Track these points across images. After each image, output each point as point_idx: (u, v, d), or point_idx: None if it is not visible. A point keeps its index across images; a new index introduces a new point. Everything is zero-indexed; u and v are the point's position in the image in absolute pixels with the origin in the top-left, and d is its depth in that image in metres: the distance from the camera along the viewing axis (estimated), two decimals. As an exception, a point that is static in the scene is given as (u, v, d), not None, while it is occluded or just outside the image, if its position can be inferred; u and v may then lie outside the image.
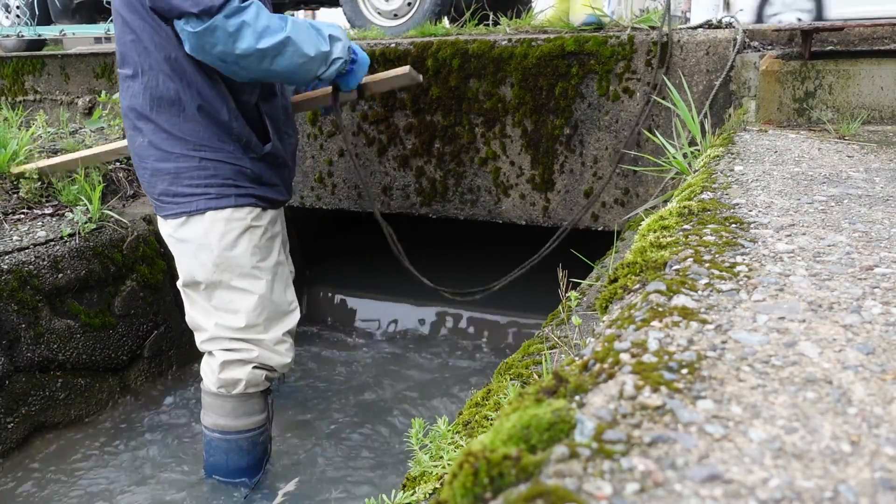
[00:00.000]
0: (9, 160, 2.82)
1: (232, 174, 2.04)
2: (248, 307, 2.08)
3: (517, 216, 2.87)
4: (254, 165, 2.08)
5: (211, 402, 2.17)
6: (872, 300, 0.80)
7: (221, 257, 2.04)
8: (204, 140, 2.00)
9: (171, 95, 1.96)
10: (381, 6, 3.68)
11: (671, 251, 0.95)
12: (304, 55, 1.93)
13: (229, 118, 2.01)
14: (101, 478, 2.29)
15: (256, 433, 2.21)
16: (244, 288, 2.07)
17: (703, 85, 2.49)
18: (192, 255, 2.05)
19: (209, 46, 1.82)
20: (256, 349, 2.11)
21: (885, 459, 0.52)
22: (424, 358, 3.09)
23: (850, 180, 1.38)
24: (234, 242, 2.05)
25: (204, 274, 2.06)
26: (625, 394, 0.61)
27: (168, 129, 1.99)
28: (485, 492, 0.51)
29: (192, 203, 2.02)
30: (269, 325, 2.12)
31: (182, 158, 2.00)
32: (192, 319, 2.16)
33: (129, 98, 2.02)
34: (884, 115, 2.05)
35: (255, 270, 2.08)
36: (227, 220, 2.04)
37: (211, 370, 2.13)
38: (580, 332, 1.47)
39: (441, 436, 1.20)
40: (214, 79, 1.98)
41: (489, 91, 2.76)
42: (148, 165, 2.04)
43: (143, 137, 2.02)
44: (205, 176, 2.02)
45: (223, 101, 2.00)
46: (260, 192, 2.10)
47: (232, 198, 2.04)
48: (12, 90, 4.19)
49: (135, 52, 1.96)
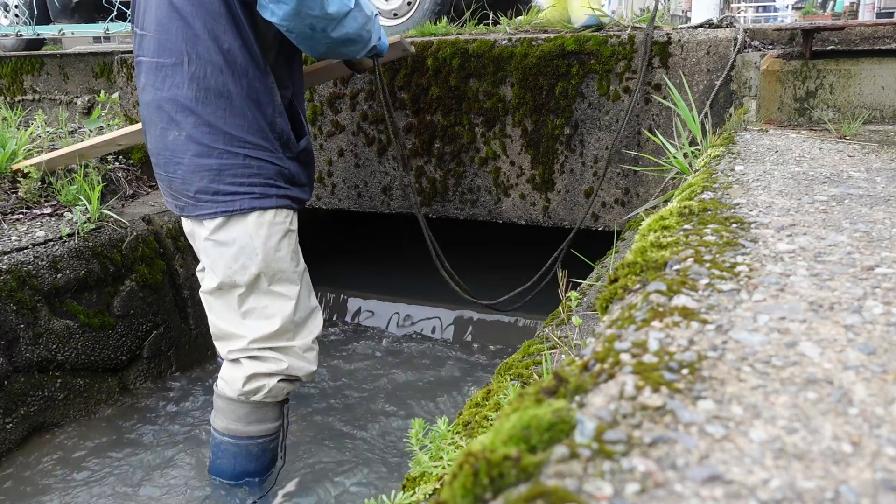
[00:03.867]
0: (8, 160, 2.82)
1: (273, 174, 2.00)
2: (284, 312, 2.02)
3: (517, 216, 2.87)
4: (290, 165, 2.05)
5: (224, 406, 2.11)
6: (873, 300, 0.79)
7: (266, 261, 1.98)
8: (248, 136, 1.94)
9: (219, 87, 1.89)
10: (381, 6, 3.68)
11: (672, 251, 0.95)
12: (366, 16, 1.97)
13: (273, 113, 1.97)
14: (100, 478, 2.29)
15: (267, 440, 2.16)
16: (283, 293, 2.03)
17: (703, 84, 2.49)
18: (234, 258, 1.98)
19: (308, 8, 1.80)
20: (286, 360, 2.05)
21: (887, 460, 0.52)
22: (424, 358, 3.08)
23: (851, 180, 1.37)
24: (277, 246, 2.00)
25: (245, 278, 1.98)
26: (625, 394, 0.60)
27: (213, 122, 1.91)
28: (485, 492, 0.50)
29: (234, 202, 1.95)
30: (299, 331, 2.08)
31: (226, 155, 1.92)
32: (218, 328, 2.08)
33: (167, 89, 1.92)
34: (885, 115, 2.04)
35: (294, 275, 2.04)
36: (271, 223, 1.99)
37: (234, 378, 2.06)
38: (580, 333, 1.47)
39: (441, 436, 1.20)
40: (265, 72, 1.94)
41: (489, 91, 2.75)
42: (184, 161, 1.95)
43: (180, 131, 1.93)
44: (249, 174, 1.95)
45: (270, 96, 1.96)
46: (294, 194, 2.07)
47: (273, 198, 1.99)
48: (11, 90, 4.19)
49: (182, 39, 1.88)
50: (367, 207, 3.11)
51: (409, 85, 2.85)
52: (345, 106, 3.00)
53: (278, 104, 1.99)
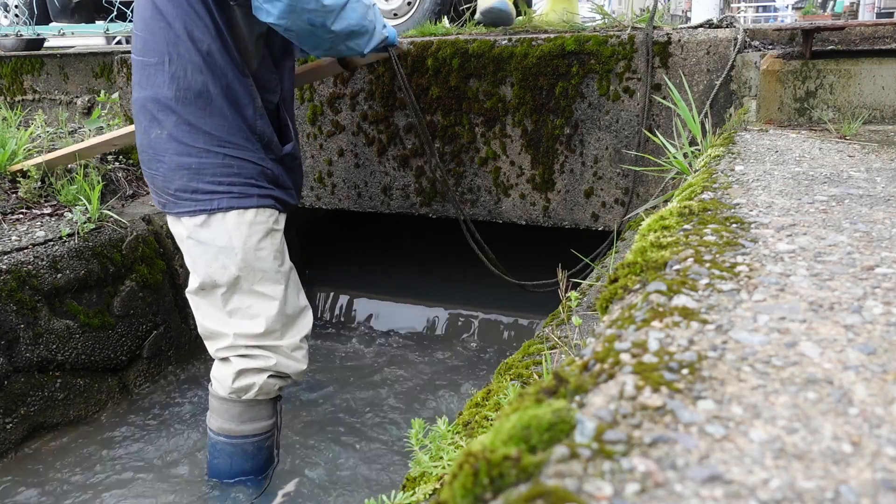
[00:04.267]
0: (7, 160, 2.82)
1: (255, 174, 2.00)
2: (268, 312, 2.03)
3: (517, 216, 2.87)
4: (273, 166, 2.05)
5: (218, 405, 2.13)
6: (874, 300, 0.79)
7: (246, 261, 1.99)
8: (229, 136, 1.95)
9: (198, 87, 1.91)
10: (381, 5, 3.68)
11: (672, 251, 0.95)
12: (364, 5, 1.95)
13: (254, 115, 1.98)
14: (100, 478, 2.29)
15: (262, 438, 2.17)
16: (265, 293, 2.03)
17: (703, 84, 2.49)
18: (213, 257, 1.99)
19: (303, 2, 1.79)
20: (274, 357, 2.06)
21: (887, 460, 0.52)
22: (424, 358, 3.08)
23: (851, 180, 1.37)
24: (257, 245, 2.00)
25: (226, 277, 2.00)
26: (625, 394, 0.60)
27: (192, 121, 1.93)
28: (485, 492, 0.50)
29: (213, 201, 1.96)
30: (286, 331, 2.08)
31: (205, 154, 1.94)
32: (205, 328, 2.10)
33: (150, 88, 1.95)
34: (885, 115, 2.04)
35: (277, 275, 2.04)
36: (251, 223, 2.00)
37: (224, 376, 2.08)
38: (580, 332, 1.47)
39: (441, 436, 1.20)
40: (245, 74, 1.95)
41: (489, 91, 2.75)
42: (165, 159, 1.97)
43: (161, 130, 1.95)
44: (228, 173, 1.96)
45: (250, 98, 1.96)
46: (278, 195, 2.07)
47: (254, 198, 2.00)
48: (11, 89, 4.19)
49: (164, 40, 1.90)
50: (367, 207, 3.11)
51: (409, 85, 2.85)
52: (345, 106, 3.00)
53: (259, 107, 1.99)
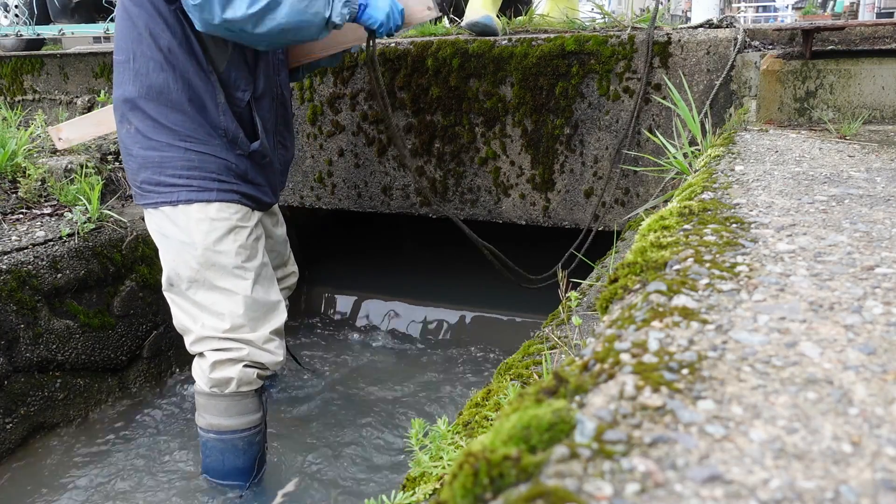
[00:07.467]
0: (7, 160, 2.82)
1: (216, 168, 2.03)
2: (232, 309, 2.06)
3: (517, 216, 2.87)
4: (240, 162, 2.08)
5: (204, 402, 2.16)
6: (873, 300, 0.79)
7: (205, 255, 2.03)
8: (190, 131, 2.00)
9: (159, 84, 1.96)
10: (381, 6, 3.67)
11: (672, 251, 0.95)
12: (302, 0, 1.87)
13: (216, 112, 2.01)
14: (100, 478, 2.29)
15: (252, 433, 2.19)
16: (227, 288, 2.06)
17: (703, 84, 2.49)
18: (177, 251, 2.05)
19: (209, 17, 1.81)
20: (246, 347, 2.09)
21: (887, 460, 0.52)
22: (424, 358, 3.08)
23: (851, 180, 1.37)
24: (218, 240, 2.03)
25: (187, 272, 2.04)
26: (625, 394, 0.60)
27: (156, 117, 1.99)
28: (485, 492, 0.50)
29: (173, 193, 2.01)
30: (256, 326, 2.11)
31: (168, 148, 2.00)
32: (179, 323, 2.15)
33: (120, 86, 2.03)
34: (885, 115, 2.04)
35: (239, 270, 2.07)
36: (213, 219, 2.03)
37: (202, 371, 2.12)
38: (580, 333, 1.47)
39: (441, 436, 1.20)
40: (207, 71, 1.98)
41: (489, 91, 2.75)
42: (134, 153, 2.03)
43: (129, 125, 2.02)
44: (189, 167, 2.01)
45: (212, 96, 2.00)
46: (245, 190, 2.10)
47: (214, 192, 2.03)
48: (11, 89, 4.19)
49: (129, 38, 1.97)
50: (367, 207, 3.10)
51: (409, 85, 2.85)
52: (345, 106, 3.00)
53: (221, 103, 2.01)
